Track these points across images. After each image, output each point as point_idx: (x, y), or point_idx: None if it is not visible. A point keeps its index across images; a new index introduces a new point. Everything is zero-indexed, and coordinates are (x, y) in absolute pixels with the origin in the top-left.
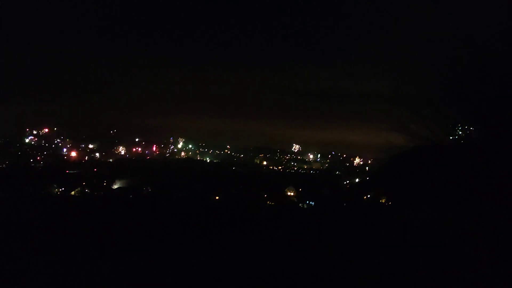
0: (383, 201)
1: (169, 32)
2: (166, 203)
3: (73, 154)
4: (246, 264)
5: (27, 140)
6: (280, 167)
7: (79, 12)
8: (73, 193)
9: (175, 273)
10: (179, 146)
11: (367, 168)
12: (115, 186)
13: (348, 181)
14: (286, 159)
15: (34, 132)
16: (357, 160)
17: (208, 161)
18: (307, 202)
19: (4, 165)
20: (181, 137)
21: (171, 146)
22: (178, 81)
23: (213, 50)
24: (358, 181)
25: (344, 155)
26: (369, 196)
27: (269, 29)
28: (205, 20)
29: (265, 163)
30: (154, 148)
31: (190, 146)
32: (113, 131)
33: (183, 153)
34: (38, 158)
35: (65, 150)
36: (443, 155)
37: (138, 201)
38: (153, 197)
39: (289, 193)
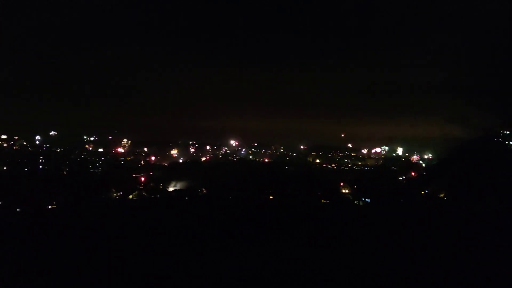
0: (442, 196)
1: (224, 32)
2: (222, 204)
3: (129, 158)
4: (305, 262)
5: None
6: (334, 165)
7: (136, 16)
8: (131, 196)
9: (235, 272)
10: (232, 147)
11: (423, 163)
12: (171, 189)
13: (404, 177)
14: (340, 156)
15: (91, 138)
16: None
17: (261, 161)
18: (363, 199)
19: (65, 172)
20: (233, 138)
21: (224, 147)
22: (231, 82)
23: (266, 49)
24: (414, 176)
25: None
26: (427, 191)
27: (318, 25)
28: (255, 19)
29: (318, 161)
30: (207, 150)
31: (243, 146)
32: (167, 134)
33: (236, 154)
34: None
35: (122, 155)
36: (504, 146)
37: (194, 203)
38: (208, 198)
39: (343, 191)
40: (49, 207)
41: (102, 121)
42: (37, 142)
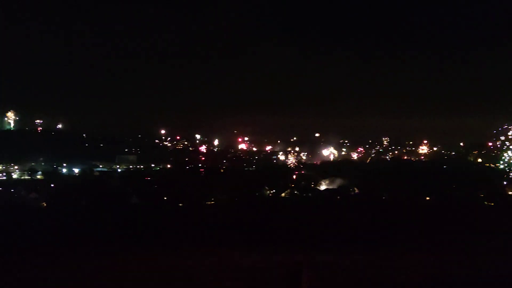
0: None
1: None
2: (375, 204)
3: (282, 157)
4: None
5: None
6: (498, 164)
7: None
8: (283, 194)
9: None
10: (384, 145)
11: None
12: (323, 188)
13: None
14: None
15: (246, 138)
16: None
17: (416, 160)
18: None
19: (222, 170)
20: (385, 136)
21: (377, 146)
22: (384, 79)
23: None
24: None
25: None
26: None
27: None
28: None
29: (479, 160)
30: (359, 148)
31: (396, 144)
32: (319, 134)
33: (388, 152)
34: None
35: (274, 154)
36: None
37: (346, 202)
38: (361, 198)
39: (510, 192)
40: (207, 202)
41: (252, 123)
42: (197, 142)
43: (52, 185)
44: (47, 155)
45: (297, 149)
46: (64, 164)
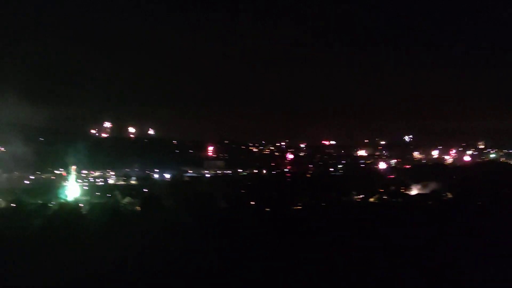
0: None
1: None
2: (468, 210)
3: (369, 161)
4: None
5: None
6: None
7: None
8: (372, 199)
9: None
10: (479, 148)
11: None
12: (413, 193)
13: None
14: None
15: (333, 142)
16: None
17: None
18: None
19: (308, 175)
20: (481, 139)
21: (471, 148)
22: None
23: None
24: None
25: None
26: None
27: None
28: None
29: None
30: (453, 152)
31: (492, 148)
32: (409, 137)
33: (483, 156)
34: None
35: (362, 158)
36: None
37: (438, 207)
38: (453, 203)
39: None
40: (294, 207)
41: (339, 127)
42: (283, 147)
43: (145, 190)
44: (140, 161)
45: (385, 152)
46: (156, 170)
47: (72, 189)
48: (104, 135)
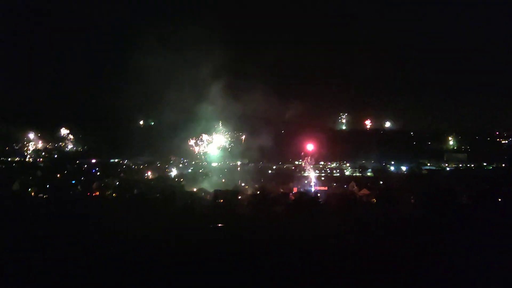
0: None
1: None
2: None
3: None
4: None
5: None
6: None
7: None
8: None
9: None
10: None
11: None
12: None
13: None
14: None
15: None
16: None
17: None
18: None
19: None
20: None
21: None
22: None
23: None
24: None
25: None
26: None
27: None
28: None
29: None
30: None
31: None
32: None
33: None
34: None
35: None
36: None
37: None
38: None
39: None
40: None
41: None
42: None
43: (381, 182)
44: (376, 153)
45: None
46: (392, 162)
47: (310, 179)
48: (342, 127)
